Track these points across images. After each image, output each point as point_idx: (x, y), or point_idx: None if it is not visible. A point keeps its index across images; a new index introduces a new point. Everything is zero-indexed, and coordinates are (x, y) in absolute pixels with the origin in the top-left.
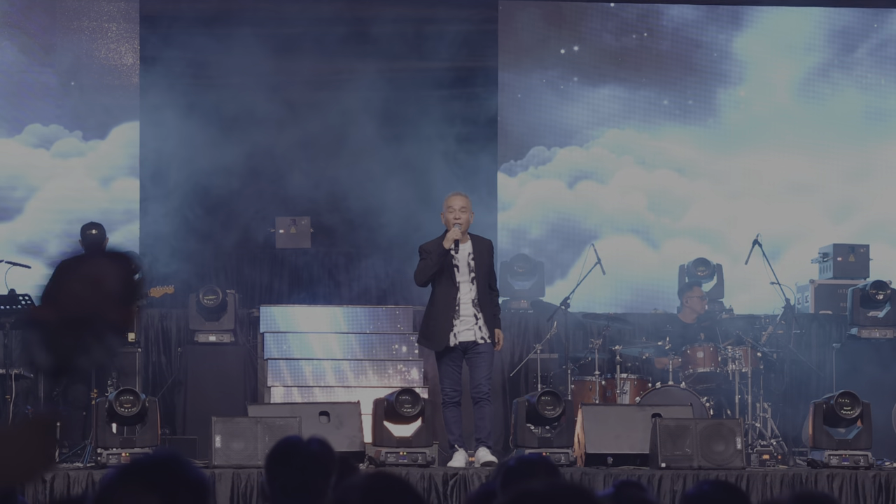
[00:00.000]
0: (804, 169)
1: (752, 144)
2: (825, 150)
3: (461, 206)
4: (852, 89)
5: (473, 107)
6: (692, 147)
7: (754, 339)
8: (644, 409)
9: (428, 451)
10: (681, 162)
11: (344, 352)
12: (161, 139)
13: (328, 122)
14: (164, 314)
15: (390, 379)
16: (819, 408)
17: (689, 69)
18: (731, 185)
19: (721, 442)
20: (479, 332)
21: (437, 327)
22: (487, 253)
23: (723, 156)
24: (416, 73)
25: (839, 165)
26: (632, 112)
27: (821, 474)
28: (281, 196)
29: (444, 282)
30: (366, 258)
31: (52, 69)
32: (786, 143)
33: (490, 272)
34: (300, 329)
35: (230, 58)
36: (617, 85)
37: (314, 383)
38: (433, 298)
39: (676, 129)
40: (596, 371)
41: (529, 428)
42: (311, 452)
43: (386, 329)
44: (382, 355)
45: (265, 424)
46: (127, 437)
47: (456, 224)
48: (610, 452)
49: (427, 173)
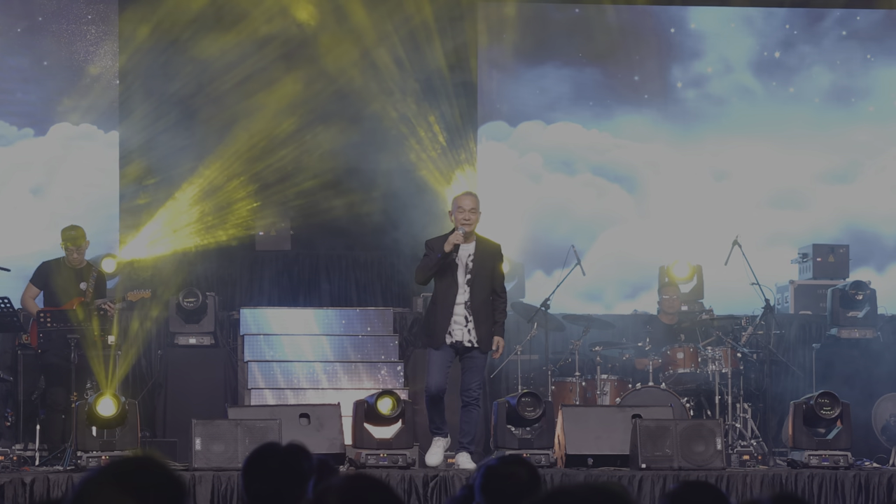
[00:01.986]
0: (779, 162)
1: (716, 131)
2: (793, 135)
3: (471, 207)
4: (819, 66)
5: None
6: (654, 135)
7: (734, 339)
8: (624, 410)
9: (408, 452)
10: (647, 156)
11: (324, 354)
12: (141, 140)
13: (312, 117)
14: (144, 316)
15: (371, 381)
16: (799, 408)
17: (643, 44)
18: (702, 182)
19: (701, 442)
20: (469, 336)
21: (436, 324)
22: (492, 258)
23: (689, 145)
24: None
25: (811, 155)
26: (583, 94)
27: (801, 474)
28: (263, 196)
29: (444, 280)
30: (347, 259)
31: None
32: (751, 127)
33: (494, 277)
34: (281, 331)
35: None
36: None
37: (294, 385)
38: (434, 296)
39: (635, 114)
40: (576, 372)
41: (510, 429)
42: (286, 458)
43: (367, 331)
44: (363, 357)
45: (245, 427)
46: (107, 440)
47: (461, 227)
48: (590, 453)
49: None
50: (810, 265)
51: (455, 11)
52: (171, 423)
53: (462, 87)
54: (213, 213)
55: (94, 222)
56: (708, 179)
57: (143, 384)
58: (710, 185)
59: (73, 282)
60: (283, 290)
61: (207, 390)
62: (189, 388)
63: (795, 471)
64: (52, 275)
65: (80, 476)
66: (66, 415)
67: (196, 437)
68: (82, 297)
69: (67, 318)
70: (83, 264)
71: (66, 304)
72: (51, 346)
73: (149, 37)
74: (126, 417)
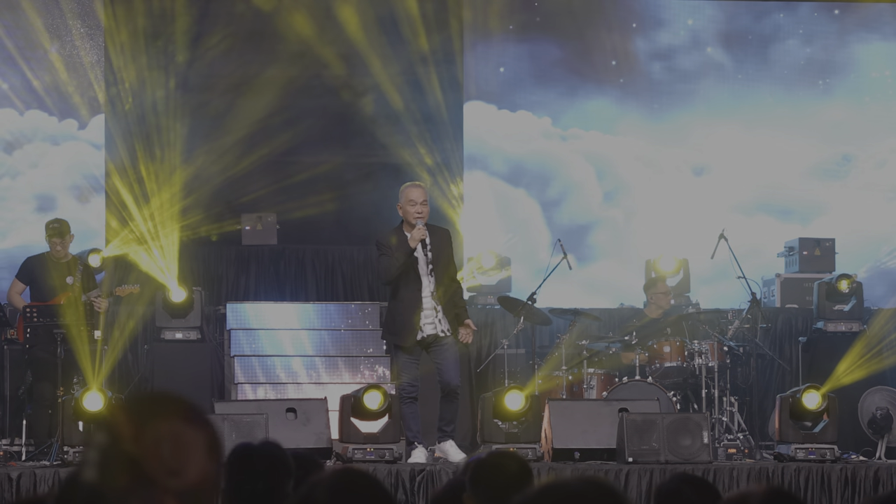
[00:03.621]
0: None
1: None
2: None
3: (423, 200)
4: (793, 40)
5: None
6: (628, 120)
7: (720, 333)
8: (611, 404)
9: (395, 447)
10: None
11: (311, 348)
12: (127, 132)
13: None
14: (130, 311)
15: (358, 375)
16: (785, 401)
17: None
18: (683, 173)
19: (688, 436)
20: (440, 325)
21: (403, 322)
22: (446, 243)
23: (671, 134)
24: None
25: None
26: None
27: (787, 468)
28: (246, 190)
29: (407, 276)
30: (334, 254)
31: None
32: (723, 107)
33: (450, 263)
34: (267, 326)
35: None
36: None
37: (281, 380)
38: (397, 294)
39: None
40: (563, 366)
41: (496, 423)
42: (261, 460)
43: (354, 325)
44: (350, 352)
45: (232, 422)
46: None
47: (418, 220)
48: (577, 447)
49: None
50: (796, 258)
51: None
52: None
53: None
54: (198, 205)
55: (78, 214)
56: (688, 171)
57: (130, 379)
58: (691, 176)
59: (60, 276)
60: (269, 285)
61: (194, 385)
62: (175, 383)
63: (782, 464)
64: (37, 270)
65: (67, 471)
66: (52, 410)
67: None
68: (69, 291)
69: (54, 312)
70: (68, 258)
71: (54, 299)
72: (37, 341)
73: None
74: None
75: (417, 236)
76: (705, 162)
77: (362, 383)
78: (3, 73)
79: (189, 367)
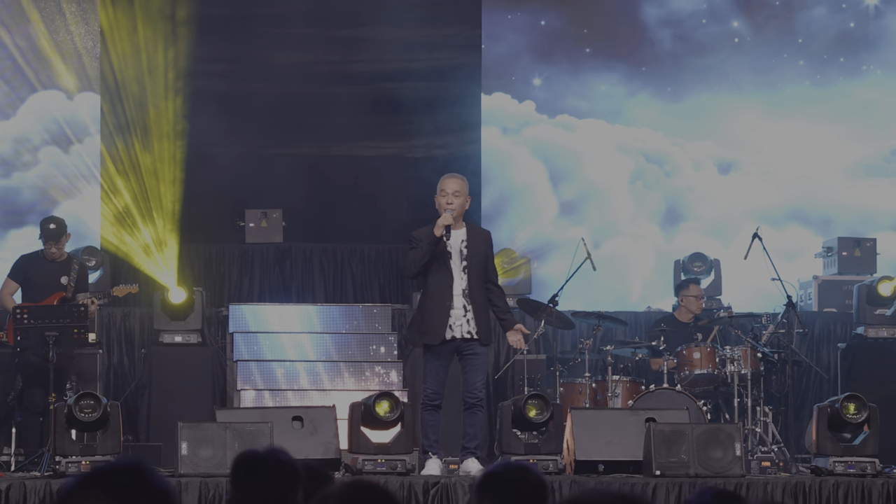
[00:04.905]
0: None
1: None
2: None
3: (454, 190)
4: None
5: None
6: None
7: (754, 338)
8: (637, 414)
9: (408, 458)
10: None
11: (318, 353)
12: (123, 123)
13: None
14: (127, 313)
15: (368, 382)
16: (823, 412)
17: None
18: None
19: (719, 448)
20: (468, 326)
21: (432, 319)
22: (484, 244)
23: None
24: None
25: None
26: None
27: (825, 482)
28: (251, 186)
29: (438, 270)
30: (343, 252)
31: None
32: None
33: (487, 265)
34: (272, 329)
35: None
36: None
37: (287, 386)
38: (427, 289)
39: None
40: (586, 373)
41: (515, 433)
42: (270, 468)
43: (363, 329)
44: (359, 356)
45: (235, 430)
46: (87, 445)
47: (448, 209)
48: (601, 459)
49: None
50: (835, 259)
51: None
52: (156, 427)
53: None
54: (199, 200)
55: (71, 209)
56: (712, 167)
57: (126, 385)
58: (716, 174)
59: (54, 276)
60: (274, 286)
61: (194, 391)
62: (175, 389)
63: (819, 478)
64: (30, 269)
65: (61, 484)
66: (43, 417)
67: (182, 442)
68: (63, 292)
69: (46, 314)
70: (63, 257)
71: (46, 300)
72: (28, 345)
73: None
74: (108, 420)
75: (441, 222)
76: (732, 157)
77: (373, 390)
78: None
79: (189, 372)
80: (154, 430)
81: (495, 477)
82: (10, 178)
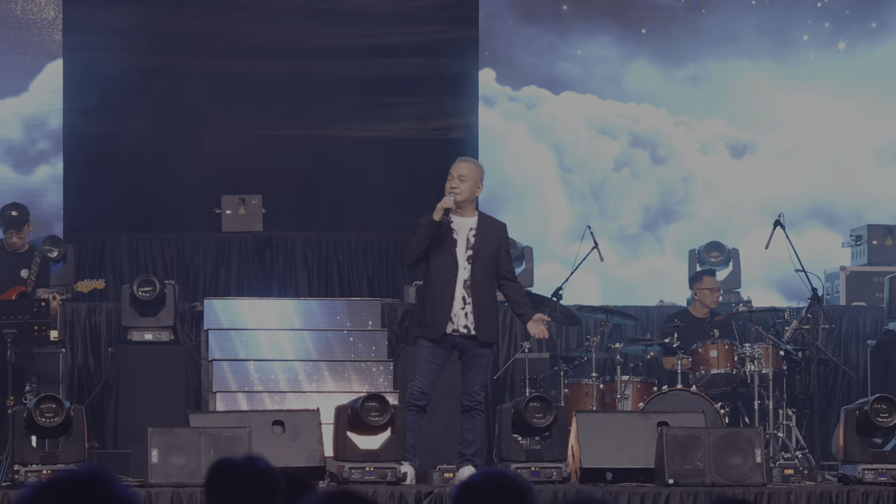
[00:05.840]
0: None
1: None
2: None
3: (460, 174)
4: None
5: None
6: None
7: (776, 335)
8: (648, 417)
9: (398, 466)
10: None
11: (301, 352)
12: (86, 102)
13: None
14: (93, 308)
15: (354, 383)
16: (851, 415)
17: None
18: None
19: (738, 455)
20: (465, 320)
21: (434, 311)
22: (497, 235)
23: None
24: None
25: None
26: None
27: (854, 492)
28: (228, 169)
29: (441, 258)
30: (329, 242)
31: None
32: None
33: (500, 258)
34: (250, 326)
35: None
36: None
37: (266, 388)
38: (429, 278)
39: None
40: (593, 373)
41: (516, 439)
42: (248, 478)
43: (350, 325)
44: (345, 355)
45: (210, 436)
46: (49, 452)
47: (451, 194)
48: (609, 467)
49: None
50: (864, 249)
51: None
52: (124, 433)
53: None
54: (170, 185)
55: (30, 197)
56: (723, 148)
57: (91, 387)
58: (728, 156)
59: (13, 268)
60: (253, 278)
61: (166, 394)
62: (144, 392)
63: (847, 487)
64: None
65: (17, 494)
66: (0, 422)
67: (152, 449)
68: (23, 286)
69: (4, 310)
70: (25, 248)
71: (4, 295)
72: None
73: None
74: (71, 425)
75: (441, 205)
76: (747, 139)
77: (361, 392)
78: None
79: (160, 373)
80: (122, 437)
81: (473, 487)
82: None
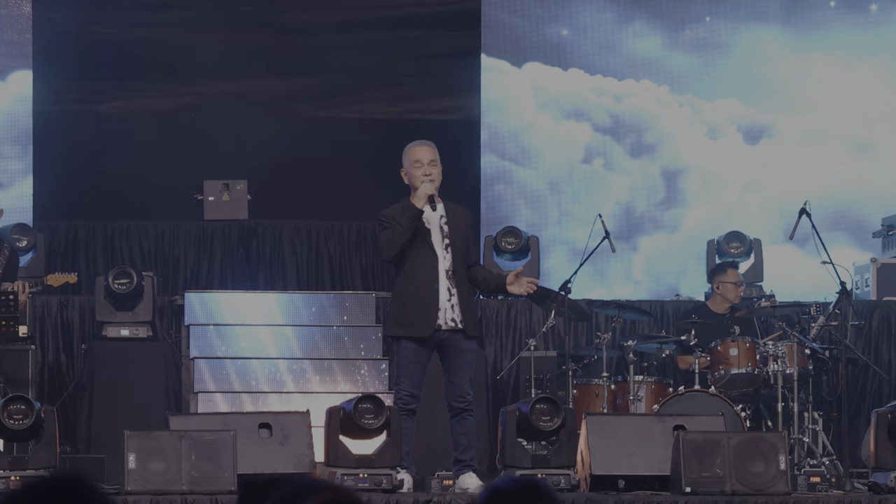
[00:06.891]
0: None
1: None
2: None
3: (431, 159)
4: None
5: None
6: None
7: (801, 332)
8: (663, 420)
9: (394, 472)
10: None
11: (290, 349)
12: (57, 90)
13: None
14: (65, 302)
15: (345, 382)
16: (883, 418)
17: None
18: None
19: (760, 461)
20: (452, 313)
21: (418, 307)
22: (464, 223)
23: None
24: None
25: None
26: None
27: (885, 501)
28: (211, 152)
29: (418, 251)
30: (319, 231)
31: None
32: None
33: (469, 246)
34: (234, 321)
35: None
36: None
37: (253, 388)
38: (407, 273)
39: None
40: (603, 373)
41: (521, 444)
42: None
43: (343, 321)
44: (338, 353)
45: (191, 440)
46: (17, 457)
47: (426, 180)
48: (621, 474)
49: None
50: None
51: None
52: (98, 436)
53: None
54: (149, 170)
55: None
56: (734, 131)
57: (63, 387)
58: (741, 141)
59: None
60: (238, 270)
61: (143, 394)
62: (120, 392)
63: (878, 496)
64: None
65: None
66: None
67: (129, 453)
68: None
69: None
70: None
71: None
72: None
73: None
74: (41, 428)
75: (423, 192)
76: (764, 121)
77: (354, 392)
78: None
79: (137, 371)
80: (96, 441)
81: (503, 494)
82: None
